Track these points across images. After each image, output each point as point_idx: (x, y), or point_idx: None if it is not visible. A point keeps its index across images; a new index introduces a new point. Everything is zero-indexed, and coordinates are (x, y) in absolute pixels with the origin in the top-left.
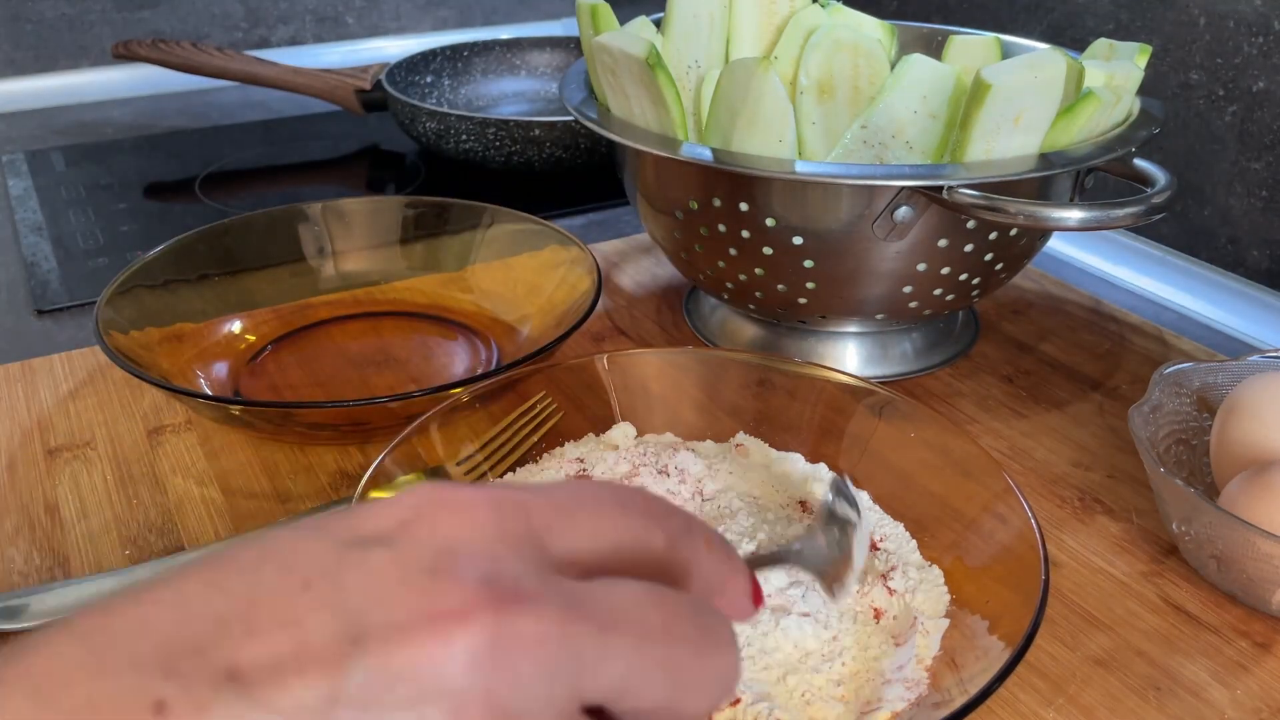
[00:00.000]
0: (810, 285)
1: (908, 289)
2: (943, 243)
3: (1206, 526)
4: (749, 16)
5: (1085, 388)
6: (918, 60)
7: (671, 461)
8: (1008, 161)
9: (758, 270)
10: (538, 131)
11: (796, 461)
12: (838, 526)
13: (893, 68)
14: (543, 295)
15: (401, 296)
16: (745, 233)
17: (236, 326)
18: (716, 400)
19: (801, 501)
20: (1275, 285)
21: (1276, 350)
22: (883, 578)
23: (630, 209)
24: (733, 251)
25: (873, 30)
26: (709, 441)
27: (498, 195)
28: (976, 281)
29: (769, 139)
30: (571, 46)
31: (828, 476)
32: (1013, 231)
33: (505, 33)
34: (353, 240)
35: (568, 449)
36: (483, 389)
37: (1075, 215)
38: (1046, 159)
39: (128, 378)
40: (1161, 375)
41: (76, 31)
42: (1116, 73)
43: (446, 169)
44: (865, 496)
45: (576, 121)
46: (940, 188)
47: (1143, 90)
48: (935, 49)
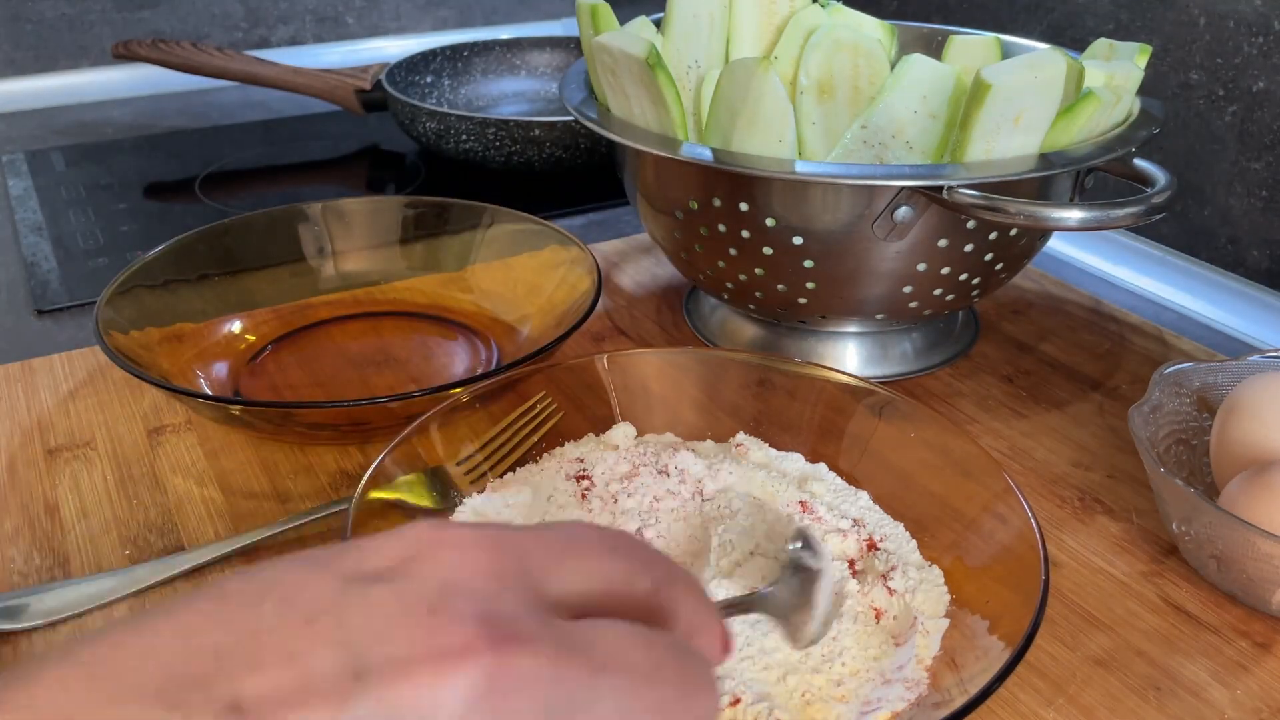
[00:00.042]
0: (810, 285)
1: (908, 289)
2: (943, 243)
3: (1206, 526)
4: (749, 16)
5: (1085, 388)
6: (918, 60)
7: (671, 461)
8: (1008, 161)
9: (758, 270)
10: (538, 131)
11: (796, 461)
12: (802, 575)
13: (893, 68)
14: (543, 295)
15: (401, 296)
16: (745, 233)
17: (236, 326)
18: (716, 400)
19: (802, 502)
20: (1275, 285)
21: (1276, 350)
22: (883, 578)
23: (630, 209)
24: (733, 251)
25: (873, 30)
26: (709, 441)
27: (498, 195)
28: (976, 281)
29: (769, 139)
30: (571, 46)
31: (797, 523)
32: (1013, 231)
33: (505, 33)
34: (353, 240)
35: (568, 449)
36: (483, 389)
37: (1075, 215)
38: (1046, 159)
39: (128, 378)
40: (1161, 375)
41: (76, 31)
42: (1116, 73)
43: (446, 169)
44: (866, 496)
45: (576, 121)
46: (940, 188)
47: (1143, 90)
48: (935, 49)
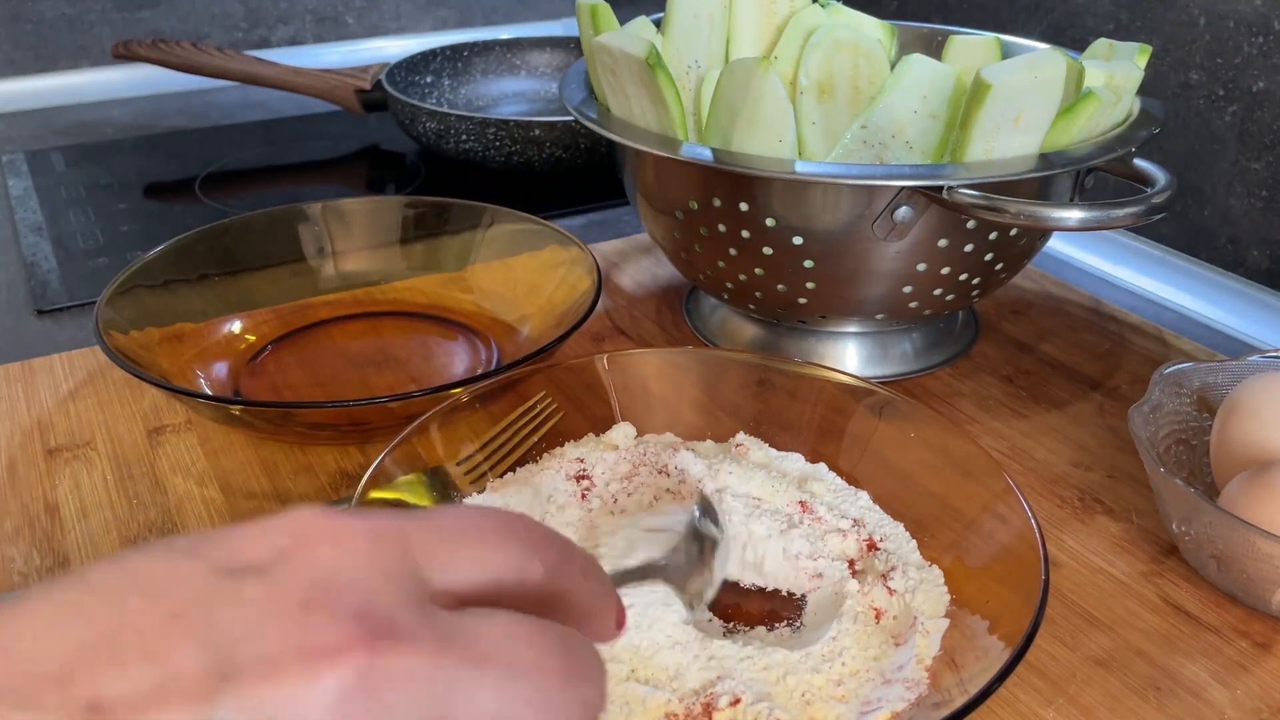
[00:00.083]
0: (810, 285)
1: (908, 289)
2: (943, 243)
3: (1206, 526)
4: (749, 16)
5: (1085, 388)
6: (918, 60)
7: (671, 461)
8: (1008, 161)
9: (758, 270)
10: (538, 131)
11: (796, 461)
12: (701, 543)
13: (893, 68)
14: (543, 295)
15: (401, 296)
16: (745, 233)
17: (236, 326)
18: (716, 400)
19: (801, 502)
20: (1275, 285)
21: (1276, 350)
22: (883, 578)
23: (630, 209)
24: (733, 251)
25: (873, 30)
26: (709, 441)
27: (498, 195)
28: (976, 281)
29: (769, 139)
30: (571, 46)
31: (701, 489)
32: (1013, 231)
33: (505, 33)
34: (353, 240)
35: (568, 449)
36: (483, 389)
37: (1075, 215)
38: (1046, 159)
39: (128, 378)
40: (1161, 375)
41: (76, 31)
42: (1116, 73)
43: (446, 169)
44: (866, 496)
45: (576, 121)
46: (940, 188)
47: (1143, 90)
48: (935, 49)
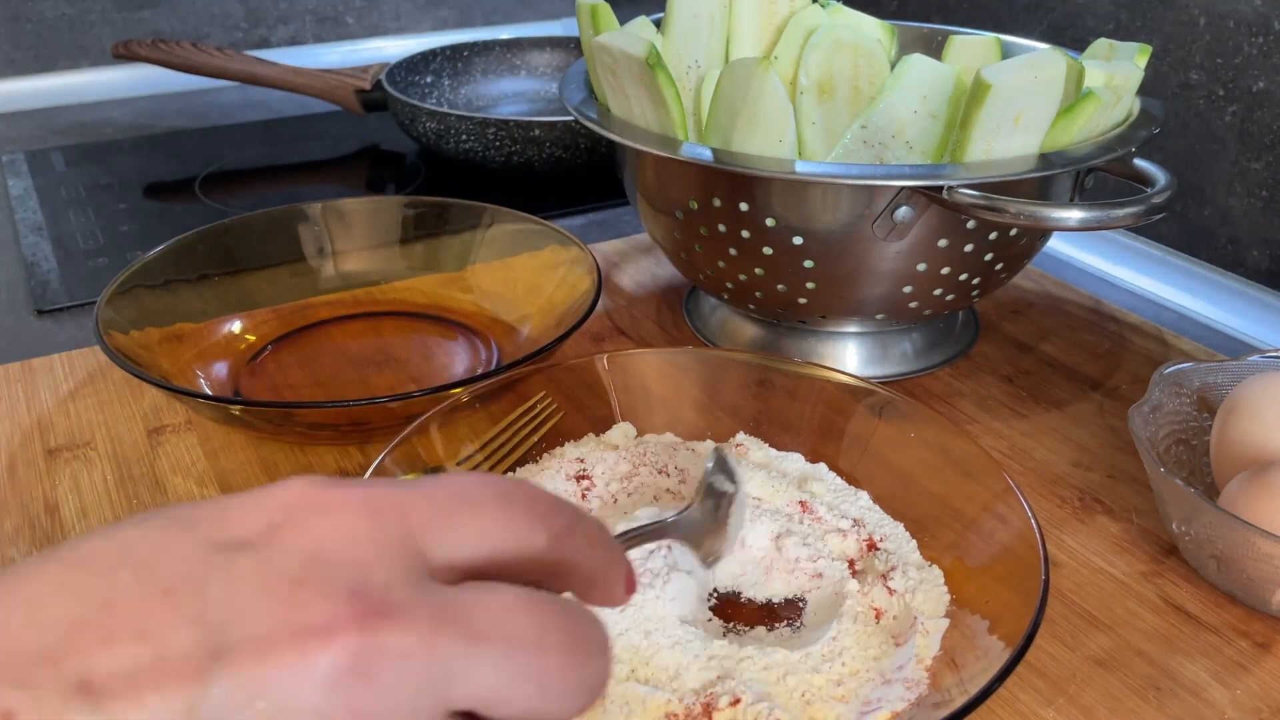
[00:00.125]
0: (810, 285)
1: (908, 289)
2: (943, 243)
3: (1206, 526)
4: (749, 16)
5: (1085, 388)
6: (918, 60)
7: (671, 461)
8: (1008, 161)
9: (758, 270)
10: (538, 131)
11: (796, 461)
12: (715, 498)
13: (893, 68)
14: (543, 295)
15: (401, 296)
16: (745, 233)
17: (236, 326)
18: (716, 400)
19: (801, 502)
20: (1275, 285)
21: (1276, 350)
22: (883, 578)
23: (630, 209)
24: (733, 251)
25: (873, 30)
26: (709, 441)
27: (498, 195)
28: (976, 281)
29: (769, 139)
30: (571, 46)
31: (711, 447)
32: (1013, 231)
33: (505, 33)
34: (353, 240)
35: (568, 449)
36: (483, 389)
37: (1075, 215)
38: (1046, 159)
39: (128, 378)
40: (1161, 375)
41: (76, 31)
42: (1116, 73)
43: (446, 169)
44: (866, 496)
45: (576, 121)
46: (940, 188)
47: (1143, 90)
48: (935, 49)
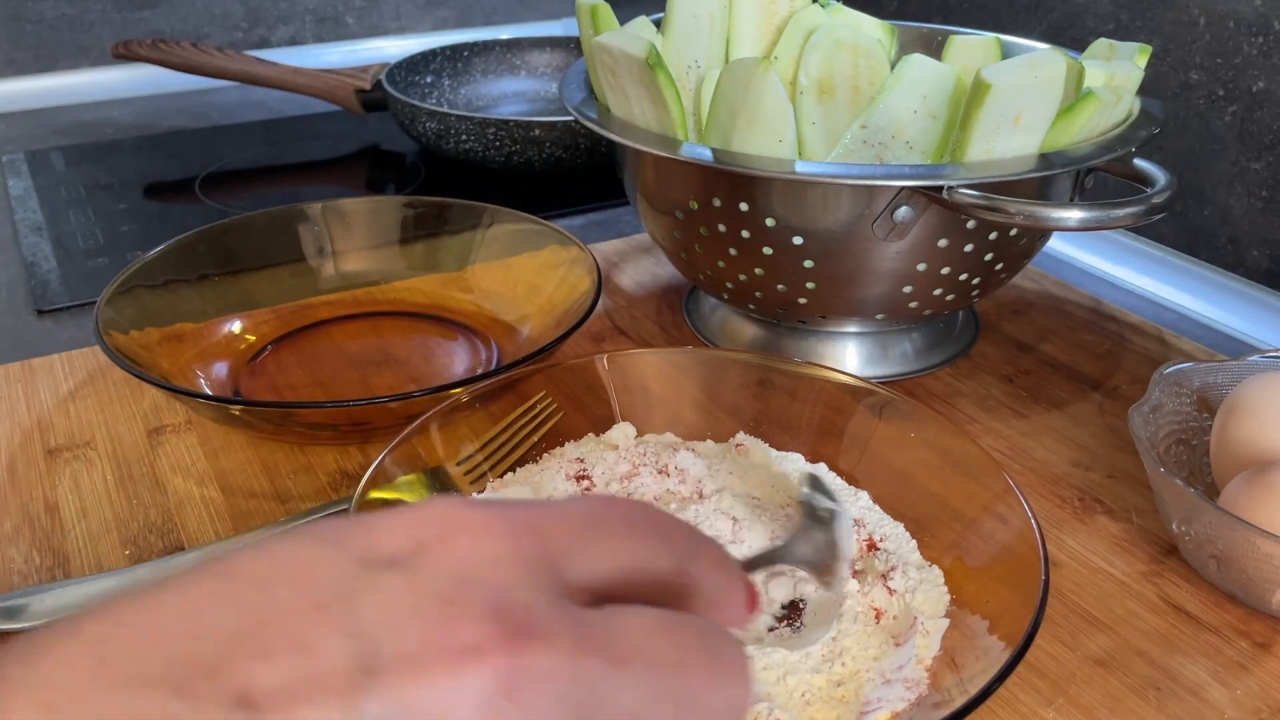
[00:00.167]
0: (810, 285)
1: (908, 289)
2: (943, 243)
3: (1206, 526)
4: (749, 16)
5: (1085, 388)
6: (918, 60)
7: (671, 461)
8: (1008, 161)
9: (758, 270)
10: (538, 131)
11: (796, 461)
12: (819, 520)
13: (893, 68)
14: (543, 295)
15: (401, 296)
16: (745, 233)
17: (236, 326)
18: (716, 400)
19: (802, 502)
20: (1275, 285)
21: (1276, 350)
22: (883, 578)
23: (630, 209)
24: (733, 251)
25: (873, 30)
26: (709, 441)
27: (498, 195)
28: (976, 281)
29: (769, 139)
30: (571, 46)
31: (803, 470)
32: (1013, 231)
33: (505, 33)
34: (353, 240)
35: (568, 449)
36: (483, 389)
37: (1075, 215)
38: (1046, 159)
39: (128, 378)
40: (1161, 375)
41: (76, 31)
42: (1116, 73)
43: (446, 169)
44: (866, 496)
45: (576, 121)
46: (940, 188)
47: (1143, 90)
48: (935, 49)
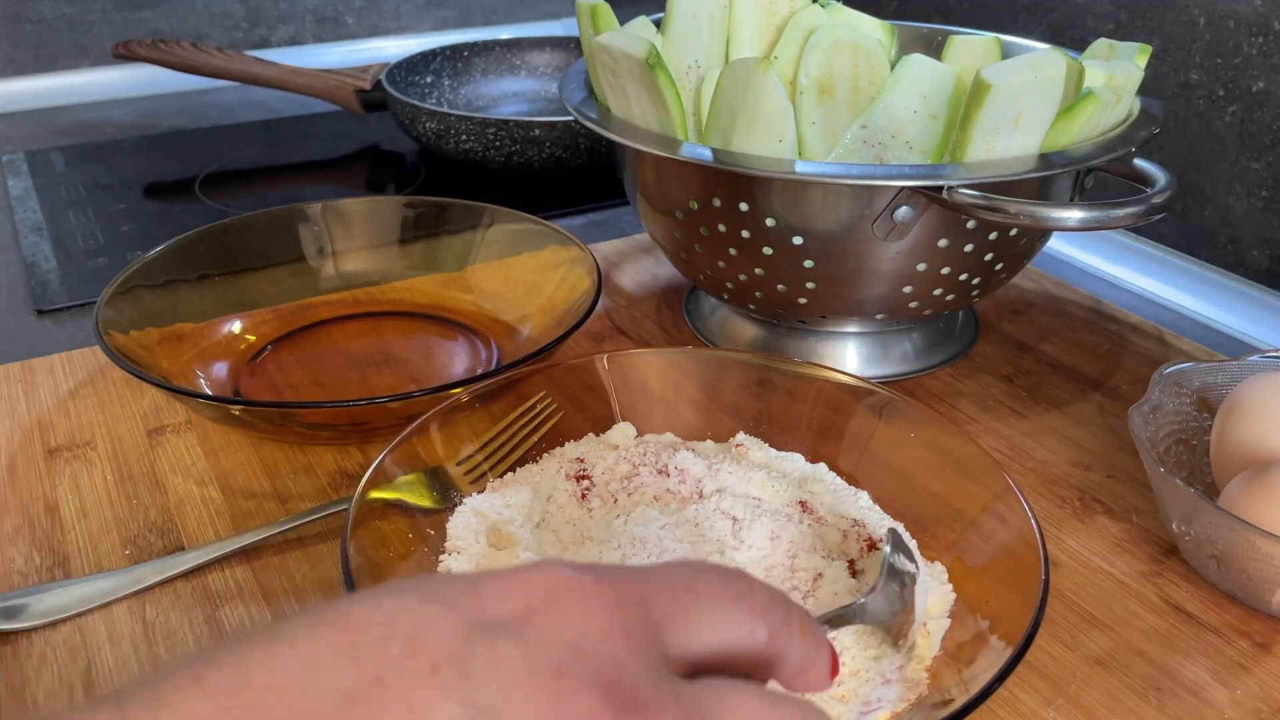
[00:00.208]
0: (810, 285)
1: (908, 289)
2: (943, 243)
3: (1206, 526)
4: (749, 16)
5: (1085, 388)
6: (918, 60)
7: (671, 461)
8: (1008, 161)
9: (758, 270)
10: (538, 131)
11: (796, 461)
12: (899, 580)
13: (893, 68)
14: (543, 295)
15: (401, 296)
16: (745, 233)
17: (236, 326)
18: (716, 400)
19: (801, 502)
20: (1275, 285)
21: (1276, 350)
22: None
23: (630, 209)
24: (733, 251)
25: (873, 30)
26: (709, 441)
27: (498, 195)
28: (976, 281)
29: (769, 139)
30: (571, 46)
31: (887, 525)
32: (1013, 231)
33: (505, 33)
34: (353, 240)
35: (568, 449)
36: (483, 389)
37: (1075, 215)
38: (1046, 159)
39: (128, 378)
40: (1161, 375)
41: (76, 31)
42: (1116, 73)
43: (446, 169)
44: (866, 496)
45: (576, 121)
46: (940, 188)
47: (1143, 90)
48: (935, 49)
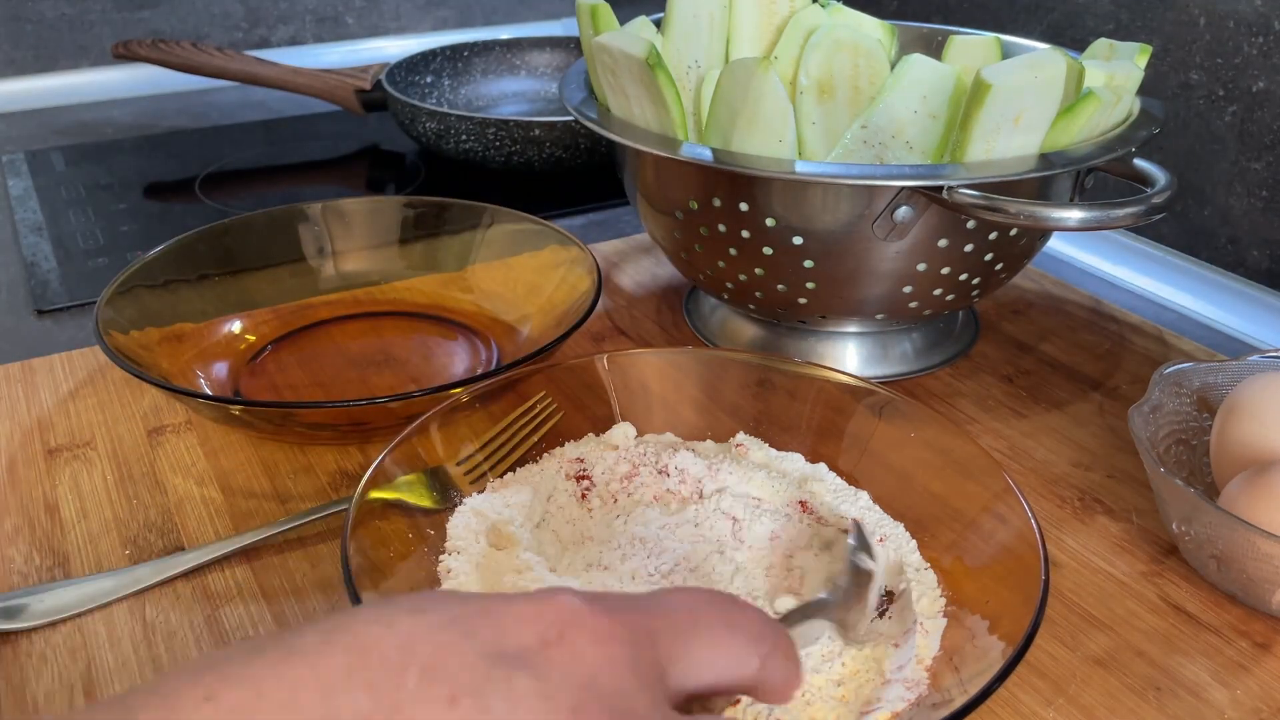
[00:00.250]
0: (810, 285)
1: (908, 289)
2: (943, 243)
3: (1206, 526)
4: (749, 16)
5: (1085, 388)
6: (918, 60)
7: (671, 461)
8: (1008, 161)
9: (758, 270)
10: (538, 131)
11: (796, 461)
12: (859, 576)
13: (893, 68)
14: (543, 295)
15: (401, 296)
16: (745, 233)
17: (236, 326)
18: (716, 400)
19: (801, 502)
20: (1275, 285)
21: (1276, 350)
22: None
23: (630, 209)
24: (733, 251)
25: (873, 30)
26: (709, 441)
27: (498, 195)
28: (976, 281)
29: (769, 139)
30: (571, 46)
31: (849, 517)
32: (1013, 231)
33: (505, 33)
34: (353, 240)
35: (568, 449)
36: (483, 389)
37: (1075, 215)
38: (1046, 159)
39: (128, 378)
40: (1161, 375)
41: (76, 31)
42: (1116, 73)
43: (446, 169)
44: (866, 496)
45: (576, 121)
46: (940, 188)
47: (1143, 90)
48: (935, 49)
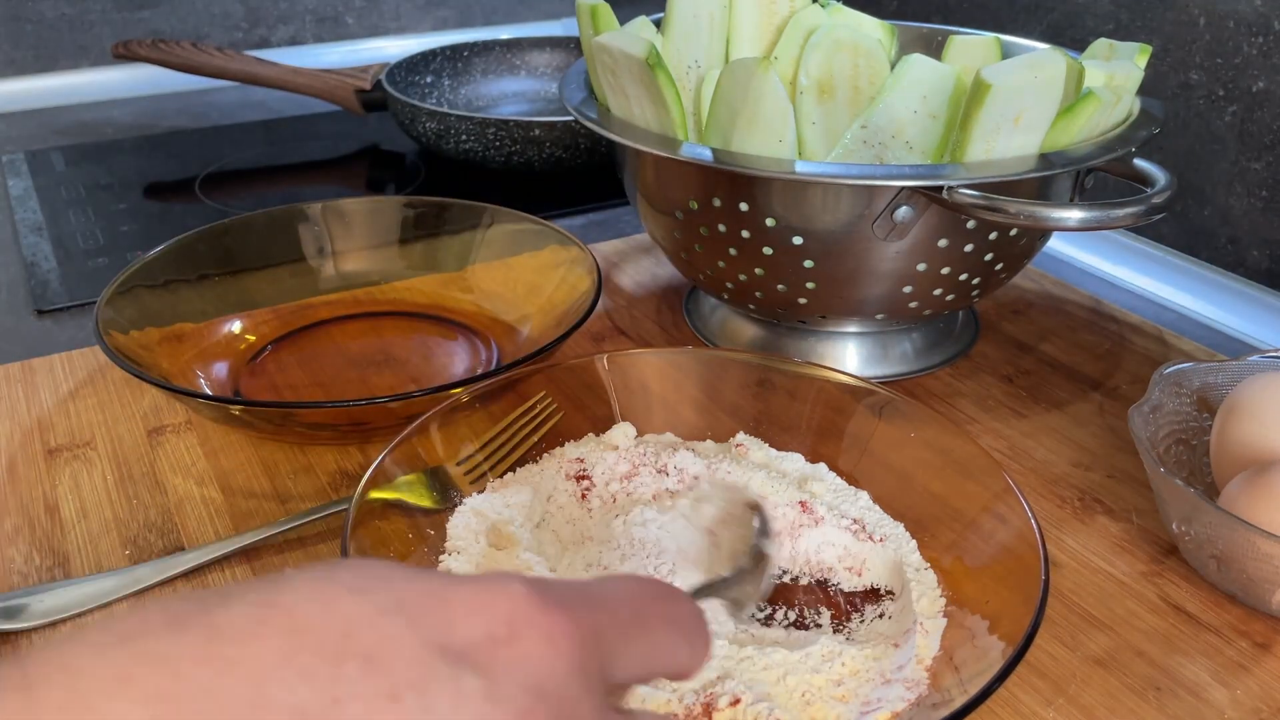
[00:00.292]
0: (810, 285)
1: (908, 289)
2: (943, 243)
3: (1206, 526)
4: (749, 16)
5: (1085, 388)
6: (918, 60)
7: (671, 461)
8: (1008, 161)
9: (758, 270)
10: (538, 131)
11: (796, 461)
12: (758, 558)
13: (893, 68)
14: (543, 295)
15: (401, 296)
16: (745, 233)
17: (236, 326)
18: (716, 400)
19: (801, 502)
20: (1275, 285)
21: (1276, 350)
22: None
23: (630, 209)
24: (733, 251)
25: (873, 30)
26: (709, 441)
27: (498, 195)
28: (976, 281)
29: (769, 139)
30: (571, 46)
31: (749, 499)
32: (1013, 231)
33: (505, 33)
34: (353, 240)
35: (568, 449)
36: (483, 389)
37: (1075, 215)
38: (1046, 159)
39: (128, 378)
40: (1161, 375)
41: (76, 31)
42: (1116, 73)
43: (446, 169)
44: (866, 496)
45: (576, 121)
46: (940, 188)
47: (1143, 90)
48: (935, 49)
